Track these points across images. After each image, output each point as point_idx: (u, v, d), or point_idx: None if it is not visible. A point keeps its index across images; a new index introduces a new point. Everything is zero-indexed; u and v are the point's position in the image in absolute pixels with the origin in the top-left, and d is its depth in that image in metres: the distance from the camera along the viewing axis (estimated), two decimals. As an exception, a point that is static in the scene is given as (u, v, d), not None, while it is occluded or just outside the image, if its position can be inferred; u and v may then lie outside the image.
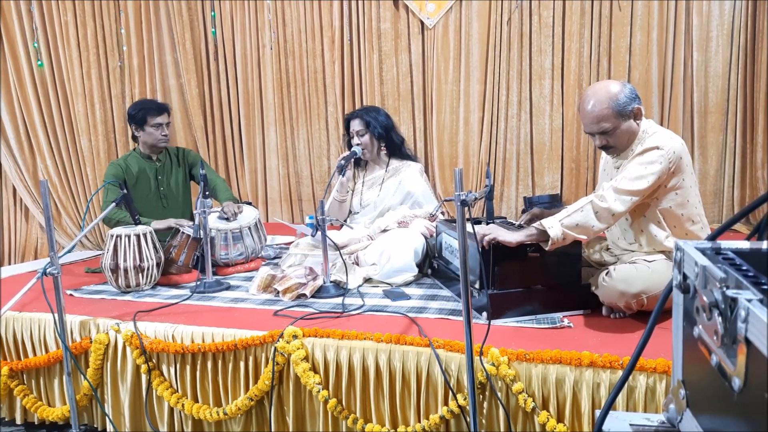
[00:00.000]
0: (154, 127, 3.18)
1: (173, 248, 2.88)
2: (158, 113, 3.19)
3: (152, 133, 3.19)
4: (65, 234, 4.60)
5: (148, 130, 3.19)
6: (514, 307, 2.10)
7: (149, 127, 3.18)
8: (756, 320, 0.59)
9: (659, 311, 0.86)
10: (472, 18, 4.11)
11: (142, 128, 3.19)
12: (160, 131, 3.20)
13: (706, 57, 3.77)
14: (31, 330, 2.42)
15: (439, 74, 4.23)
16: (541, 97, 4.08)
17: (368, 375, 1.93)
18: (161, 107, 3.24)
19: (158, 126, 3.19)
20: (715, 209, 3.86)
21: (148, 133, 3.19)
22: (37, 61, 4.45)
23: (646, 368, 1.65)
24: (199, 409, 2.14)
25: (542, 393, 1.76)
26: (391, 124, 3.13)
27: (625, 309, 2.03)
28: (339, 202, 3.13)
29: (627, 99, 2.03)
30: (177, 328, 2.19)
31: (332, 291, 2.49)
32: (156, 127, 3.19)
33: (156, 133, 3.19)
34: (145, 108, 3.19)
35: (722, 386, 0.67)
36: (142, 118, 3.17)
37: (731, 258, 0.74)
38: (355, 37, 4.32)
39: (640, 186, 1.98)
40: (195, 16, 4.55)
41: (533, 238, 2.05)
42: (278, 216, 4.61)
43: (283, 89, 4.54)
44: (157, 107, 3.22)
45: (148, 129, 3.18)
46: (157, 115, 3.18)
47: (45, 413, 2.42)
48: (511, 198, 4.24)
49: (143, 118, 3.17)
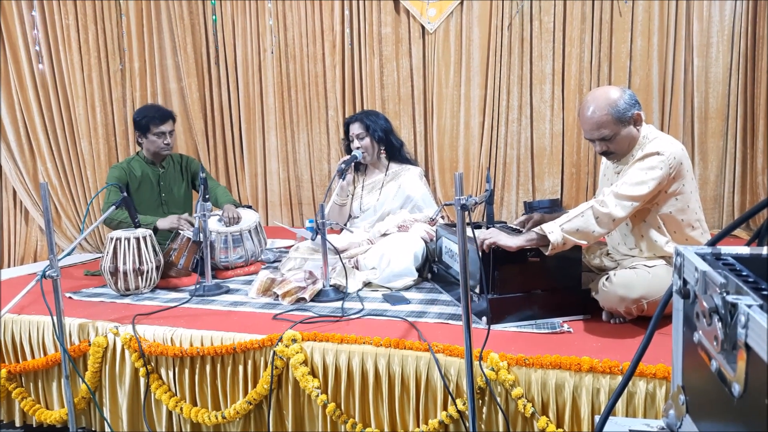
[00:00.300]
0: (156, 136, 3.15)
1: (173, 251, 2.88)
2: (161, 122, 3.14)
3: (154, 141, 3.16)
4: (65, 237, 4.60)
5: (150, 138, 3.15)
6: (513, 312, 2.10)
7: (152, 135, 3.14)
8: (756, 326, 0.59)
9: (659, 316, 0.86)
10: (473, 23, 4.12)
11: (145, 135, 3.16)
12: (162, 140, 3.16)
13: (706, 62, 3.77)
14: (29, 333, 2.41)
15: (440, 79, 4.24)
16: (542, 102, 4.09)
17: (367, 379, 1.93)
18: (165, 115, 3.18)
19: (161, 134, 3.15)
20: (715, 215, 3.86)
21: (150, 141, 3.16)
22: (38, 64, 4.46)
23: (646, 374, 1.64)
24: (198, 413, 2.14)
25: (542, 398, 1.75)
26: (390, 128, 3.14)
27: (625, 314, 2.03)
28: (339, 205, 3.13)
29: (627, 105, 2.04)
30: (176, 332, 2.18)
31: (332, 295, 2.49)
32: (159, 135, 3.15)
33: (158, 142, 3.16)
34: (148, 116, 3.14)
35: (722, 392, 0.67)
36: (146, 125, 3.13)
37: (731, 263, 0.74)
38: (356, 41, 4.33)
39: (641, 191, 1.98)
40: (196, 19, 4.56)
41: (533, 242, 2.04)
42: (278, 219, 4.61)
43: (283, 93, 4.54)
44: (161, 115, 3.16)
45: (151, 137, 3.15)
46: (160, 123, 3.14)
47: (43, 416, 2.42)
48: (511, 202, 4.24)
49: (146, 125, 3.13)
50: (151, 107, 3.33)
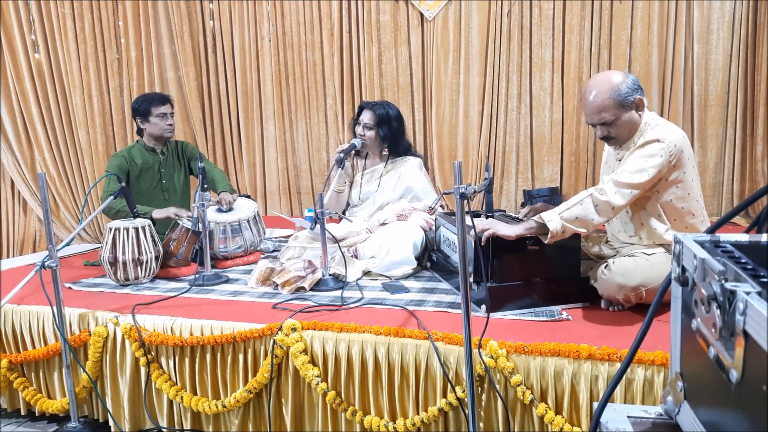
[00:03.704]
0: (158, 117, 3.18)
1: (172, 241, 2.88)
2: (161, 103, 3.19)
3: (157, 123, 3.19)
4: (63, 227, 4.60)
5: (152, 120, 3.18)
6: (512, 300, 2.10)
7: (154, 117, 3.17)
8: (754, 313, 0.59)
9: (658, 304, 0.86)
10: (472, 10, 4.09)
11: (146, 119, 3.19)
12: (165, 121, 3.20)
13: (706, 49, 3.75)
14: (30, 323, 2.42)
15: (439, 67, 4.21)
16: (541, 90, 4.07)
17: (367, 367, 1.94)
18: (164, 97, 3.25)
19: (163, 116, 3.19)
20: (714, 202, 3.86)
21: (153, 123, 3.19)
22: (34, 53, 4.43)
23: (644, 361, 1.65)
24: (198, 402, 2.15)
25: (540, 385, 1.76)
26: (401, 131, 3.07)
27: (624, 302, 2.04)
28: (337, 192, 3.13)
29: (629, 90, 2.03)
30: (176, 321, 2.19)
31: (331, 284, 2.49)
32: (161, 117, 3.18)
33: (161, 123, 3.19)
34: (148, 99, 3.20)
35: (720, 378, 0.67)
36: (146, 109, 3.17)
37: (730, 251, 0.74)
38: (354, 29, 4.30)
39: (641, 179, 1.97)
40: (193, 8, 4.53)
41: (533, 231, 2.04)
42: (277, 209, 4.61)
43: (281, 82, 4.52)
44: (160, 97, 3.23)
45: (153, 119, 3.18)
46: (161, 104, 3.18)
47: (45, 405, 2.43)
48: (510, 191, 4.23)
49: (147, 109, 3.17)
50: (149, 93, 3.39)
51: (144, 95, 3.31)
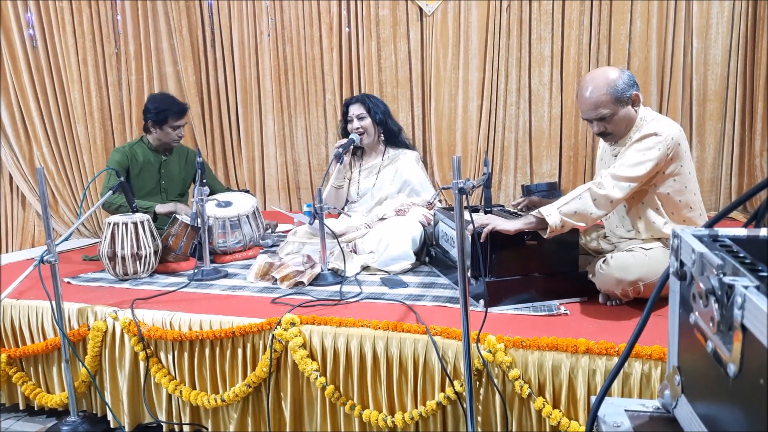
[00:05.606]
0: (172, 128, 3.18)
1: (171, 236, 2.88)
2: (179, 116, 3.18)
3: (169, 134, 3.19)
4: (62, 222, 4.59)
5: (166, 130, 3.17)
6: (511, 295, 2.11)
7: (168, 127, 3.17)
8: (752, 307, 0.59)
9: (656, 298, 0.86)
10: (471, 5, 4.08)
11: (160, 127, 3.17)
12: (177, 132, 3.20)
13: (705, 44, 3.75)
14: (28, 317, 2.42)
15: (438, 62, 4.20)
16: (540, 85, 4.07)
17: (365, 362, 1.94)
18: (183, 110, 3.21)
19: (176, 128, 3.19)
20: (712, 197, 3.86)
21: (165, 133, 3.18)
22: (32, 47, 4.41)
23: (642, 355, 1.66)
24: (197, 396, 2.15)
25: (538, 380, 1.77)
26: (388, 111, 3.14)
27: (622, 296, 2.04)
28: (336, 188, 3.13)
29: (625, 85, 2.03)
30: (175, 316, 2.19)
31: (330, 279, 2.49)
32: (174, 128, 3.18)
33: (173, 134, 3.20)
34: (167, 109, 3.15)
35: (717, 372, 0.68)
36: (164, 118, 3.14)
37: (728, 245, 0.74)
38: (354, 24, 4.29)
39: (638, 172, 1.98)
40: (192, 2, 4.50)
41: (531, 226, 2.05)
42: (276, 204, 4.60)
43: (280, 76, 4.51)
44: (180, 110, 3.19)
45: (167, 129, 3.17)
46: (179, 118, 3.18)
47: (44, 400, 2.43)
48: (509, 186, 4.23)
49: (164, 118, 3.14)
50: (168, 98, 3.30)
51: (163, 99, 3.25)
